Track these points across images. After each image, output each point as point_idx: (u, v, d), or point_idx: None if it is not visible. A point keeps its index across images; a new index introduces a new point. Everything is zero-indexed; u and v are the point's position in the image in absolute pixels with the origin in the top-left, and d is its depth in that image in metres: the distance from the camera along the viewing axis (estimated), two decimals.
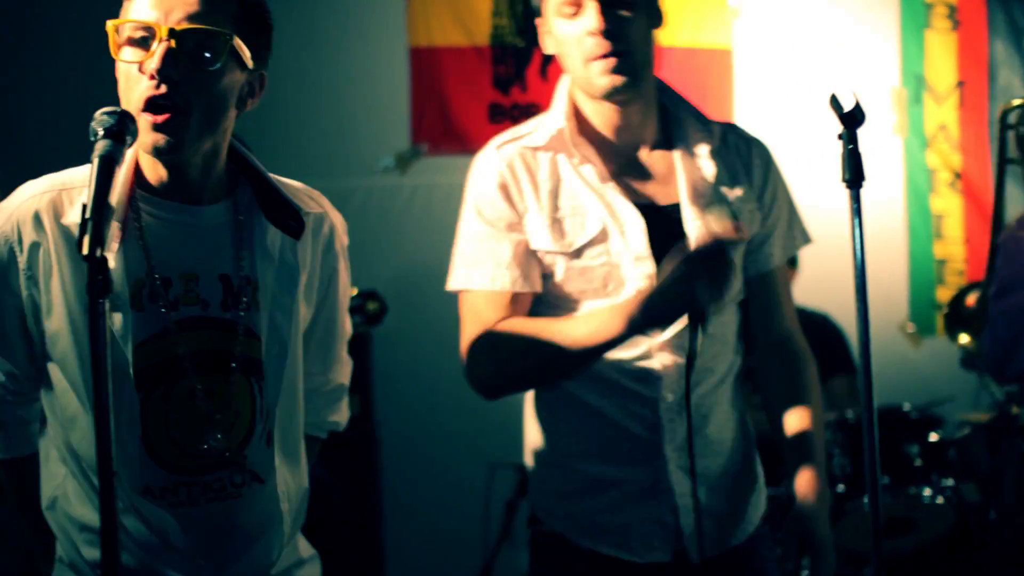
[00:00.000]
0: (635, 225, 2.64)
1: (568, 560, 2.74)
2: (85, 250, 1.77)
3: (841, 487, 4.87)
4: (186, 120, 2.10)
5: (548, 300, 2.67)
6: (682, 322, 2.56)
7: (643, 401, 2.67)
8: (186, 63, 2.10)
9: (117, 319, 2.17)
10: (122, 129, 1.96)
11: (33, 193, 2.21)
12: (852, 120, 2.16)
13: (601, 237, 2.64)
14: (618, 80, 2.60)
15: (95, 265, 1.77)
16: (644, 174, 2.72)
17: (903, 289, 5.80)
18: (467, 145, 5.53)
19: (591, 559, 2.71)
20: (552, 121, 2.71)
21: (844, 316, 5.35)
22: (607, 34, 2.57)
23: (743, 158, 2.77)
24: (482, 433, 5.45)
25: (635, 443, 2.68)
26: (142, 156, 2.22)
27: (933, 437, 4.97)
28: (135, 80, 2.11)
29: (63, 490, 2.30)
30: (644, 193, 2.70)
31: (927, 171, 5.73)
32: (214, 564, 2.28)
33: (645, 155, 2.72)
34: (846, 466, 4.92)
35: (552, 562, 2.79)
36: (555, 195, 2.67)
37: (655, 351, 2.65)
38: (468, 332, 2.68)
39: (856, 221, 2.14)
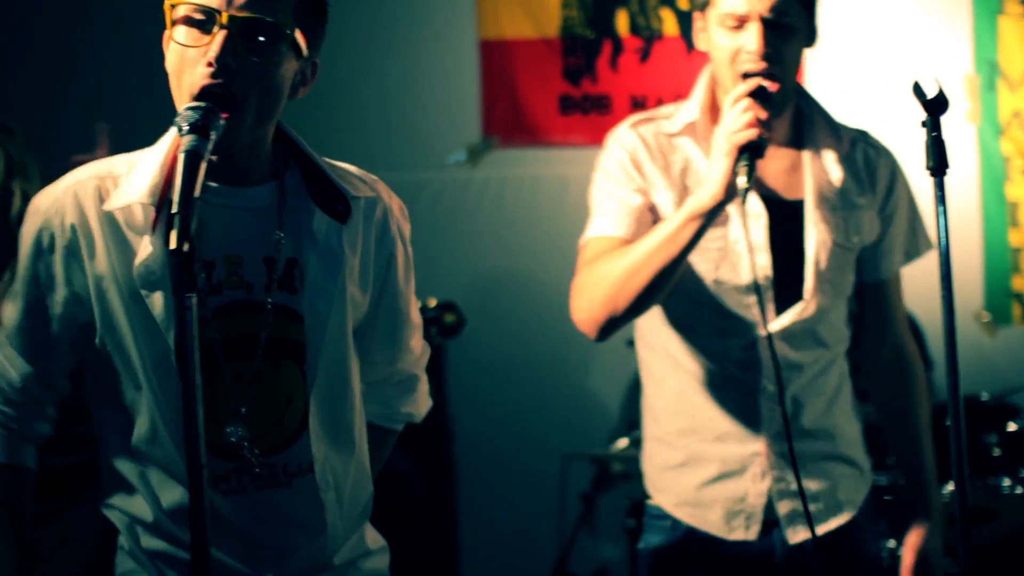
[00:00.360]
0: (757, 215, 2.75)
1: (669, 533, 2.89)
2: (173, 244, 1.76)
3: None
4: (242, 113, 2.08)
5: None
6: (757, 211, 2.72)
7: (744, 389, 2.81)
8: (244, 52, 2.07)
9: (158, 304, 2.16)
10: (207, 124, 1.96)
11: (78, 179, 2.22)
12: (936, 107, 2.15)
13: (722, 221, 2.73)
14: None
15: (182, 260, 1.77)
16: (771, 169, 2.81)
17: (978, 278, 5.73)
18: (538, 137, 5.54)
19: (689, 534, 2.86)
20: (688, 111, 2.85)
21: (916, 306, 5.30)
22: (765, 56, 2.66)
23: (870, 166, 2.87)
24: (556, 425, 5.46)
25: (735, 426, 2.83)
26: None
27: (1011, 427, 4.91)
28: (189, 64, 2.08)
29: (116, 483, 2.30)
30: (769, 187, 2.80)
31: (1001, 159, 5.66)
32: (272, 553, 2.27)
33: (774, 151, 2.79)
34: None
35: (656, 536, 2.92)
36: (684, 176, 2.80)
37: (760, 344, 2.76)
38: (575, 277, 2.83)
39: (940, 209, 2.13)
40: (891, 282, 2.96)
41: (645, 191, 2.79)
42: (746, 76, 2.67)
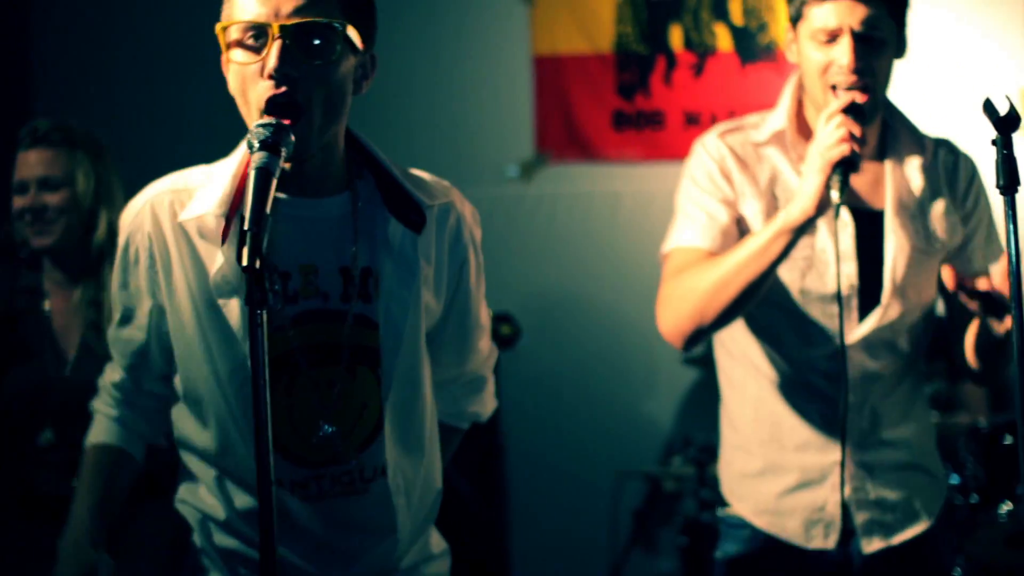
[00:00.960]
0: (844, 224, 2.78)
1: (748, 542, 2.91)
2: (245, 262, 1.77)
3: (975, 497, 4.77)
4: (309, 118, 2.09)
5: None
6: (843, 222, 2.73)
7: (826, 398, 2.82)
8: (302, 58, 2.08)
9: (233, 313, 2.20)
10: (277, 141, 1.96)
11: (155, 192, 2.28)
12: (1007, 124, 2.13)
13: (810, 230, 2.74)
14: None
15: (254, 276, 1.77)
16: (857, 180, 2.82)
17: None
18: (591, 153, 5.53)
19: (766, 541, 2.88)
20: (775, 120, 2.87)
21: None
22: (856, 70, 2.68)
23: (949, 171, 2.88)
24: (609, 442, 5.45)
25: (814, 436, 2.85)
26: None
27: None
28: (251, 80, 2.10)
29: (191, 482, 2.36)
30: (855, 196, 2.82)
31: None
32: (342, 556, 2.30)
33: (862, 163, 2.79)
34: (980, 476, 4.82)
35: (734, 544, 2.94)
36: (772, 185, 2.82)
37: (843, 350, 2.76)
38: (661, 287, 2.83)
39: (1011, 227, 2.11)
40: None
41: (733, 202, 2.82)
42: (835, 88, 2.70)
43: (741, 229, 2.81)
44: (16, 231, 3.55)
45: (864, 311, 2.82)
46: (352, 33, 2.14)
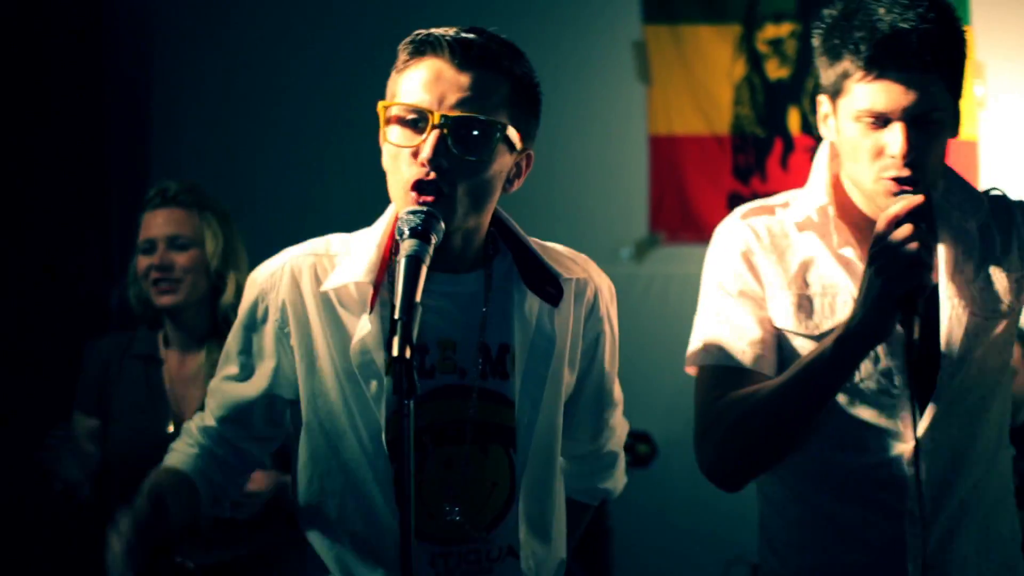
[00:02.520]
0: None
1: None
2: (395, 351, 1.79)
3: None
4: (452, 205, 2.09)
5: None
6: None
7: (886, 512, 2.44)
8: (456, 150, 2.08)
9: (372, 384, 2.18)
10: (428, 228, 1.99)
11: (295, 256, 2.27)
12: None
13: None
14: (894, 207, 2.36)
15: (404, 367, 1.78)
16: None
17: None
18: (705, 234, 5.38)
19: None
20: (811, 198, 2.50)
21: None
22: (908, 162, 2.33)
23: (1003, 224, 2.53)
24: (717, 529, 5.34)
25: (873, 555, 2.46)
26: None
27: None
28: (404, 161, 2.11)
29: (315, 561, 2.30)
30: None
31: None
32: None
33: None
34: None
35: None
36: (804, 272, 2.47)
37: (905, 457, 2.40)
38: (697, 415, 2.49)
39: None
40: None
41: (761, 301, 2.46)
42: (885, 180, 2.36)
43: (773, 329, 2.48)
44: (133, 294, 3.58)
45: (924, 403, 2.43)
46: (512, 133, 2.15)
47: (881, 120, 2.33)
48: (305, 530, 2.31)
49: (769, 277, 2.47)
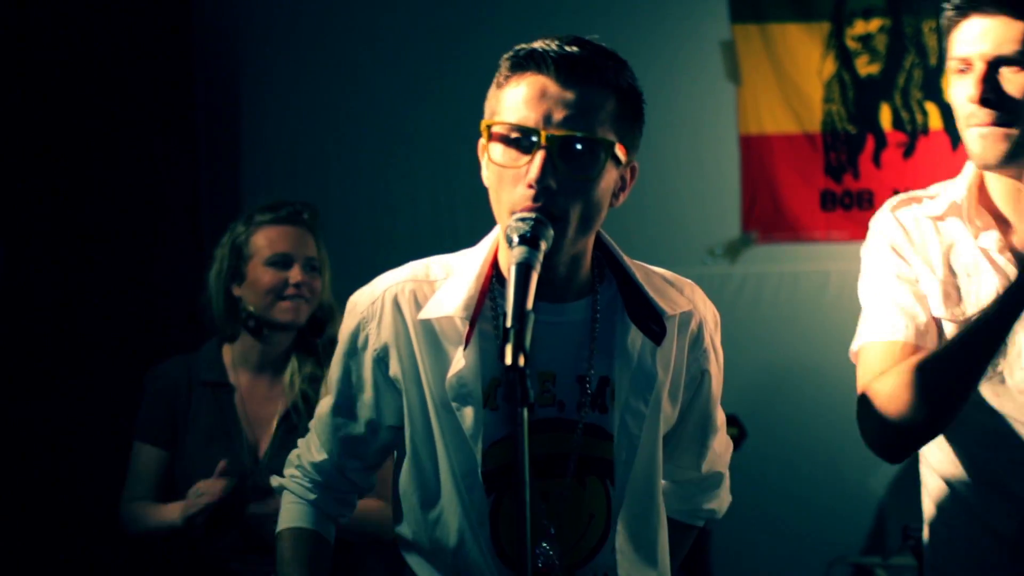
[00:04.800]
0: None
1: None
2: (508, 360, 1.76)
3: None
4: (562, 230, 2.04)
5: None
6: None
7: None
8: (564, 170, 2.03)
9: (468, 417, 2.15)
10: (536, 235, 1.96)
11: (396, 281, 2.23)
12: None
13: None
14: (992, 154, 2.41)
15: (518, 375, 1.76)
16: None
17: None
18: (798, 233, 5.46)
19: None
20: (956, 186, 2.53)
21: None
22: (985, 102, 2.37)
23: None
24: (818, 528, 5.32)
25: (1010, 557, 2.45)
26: (501, 246, 2.19)
27: None
28: (509, 182, 2.06)
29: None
30: None
31: None
32: None
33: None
34: None
35: None
36: (948, 259, 2.49)
37: None
38: (859, 391, 2.48)
39: None
40: None
41: (914, 280, 2.48)
42: (970, 127, 2.42)
43: (926, 312, 2.48)
44: (224, 304, 3.52)
45: None
46: (619, 150, 2.10)
47: (966, 66, 2.39)
48: (404, 554, 2.30)
49: (916, 267, 2.50)
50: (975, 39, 2.37)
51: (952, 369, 2.35)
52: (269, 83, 5.79)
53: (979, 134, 2.40)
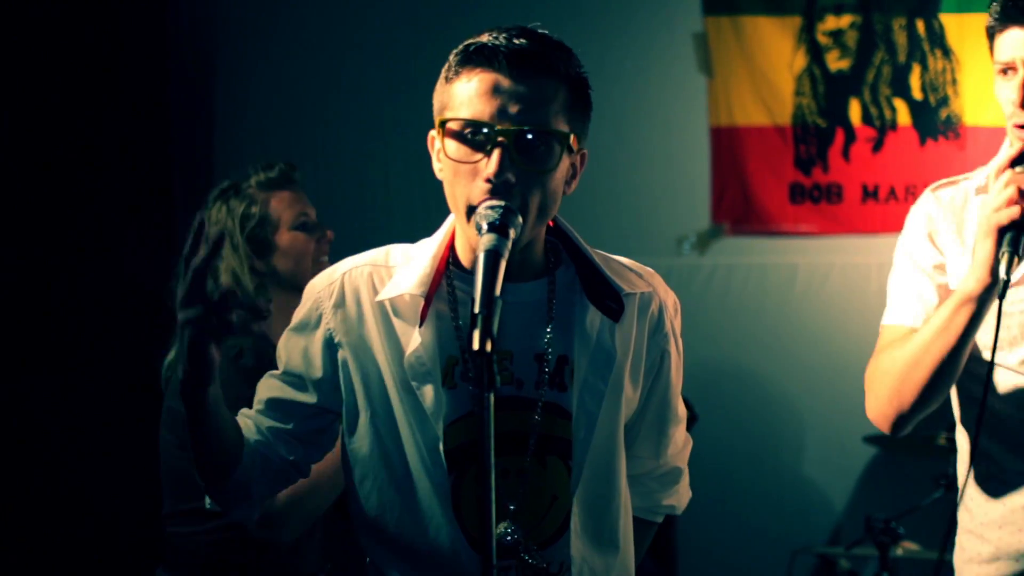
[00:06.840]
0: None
1: None
2: (476, 345, 1.77)
3: None
4: (524, 219, 2.06)
5: None
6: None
7: None
8: (521, 163, 2.06)
9: (428, 396, 2.16)
10: (506, 223, 1.98)
11: (355, 265, 2.25)
12: None
13: (1021, 281, 2.50)
14: None
15: (485, 360, 1.77)
16: None
17: None
18: (767, 225, 5.48)
19: None
20: (991, 165, 2.60)
21: None
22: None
23: None
24: (782, 520, 5.35)
25: None
26: (458, 233, 2.22)
27: None
28: (465, 176, 2.09)
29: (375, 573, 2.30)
30: None
31: None
32: None
33: None
34: None
35: None
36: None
37: None
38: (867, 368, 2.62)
39: None
40: None
41: (942, 266, 2.59)
42: (1015, 128, 2.49)
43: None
44: (260, 280, 3.31)
45: None
46: (572, 138, 2.13)
47: (1008, 69, 2.48)
48: (364, 544, 2.30)
49: (949, 247, 2.59)
50: (1015, 46, 2.45)
51: (927, 356, 2.47)
52: (243, 62, 5.77)
53: (1020, 136, 2.48)
